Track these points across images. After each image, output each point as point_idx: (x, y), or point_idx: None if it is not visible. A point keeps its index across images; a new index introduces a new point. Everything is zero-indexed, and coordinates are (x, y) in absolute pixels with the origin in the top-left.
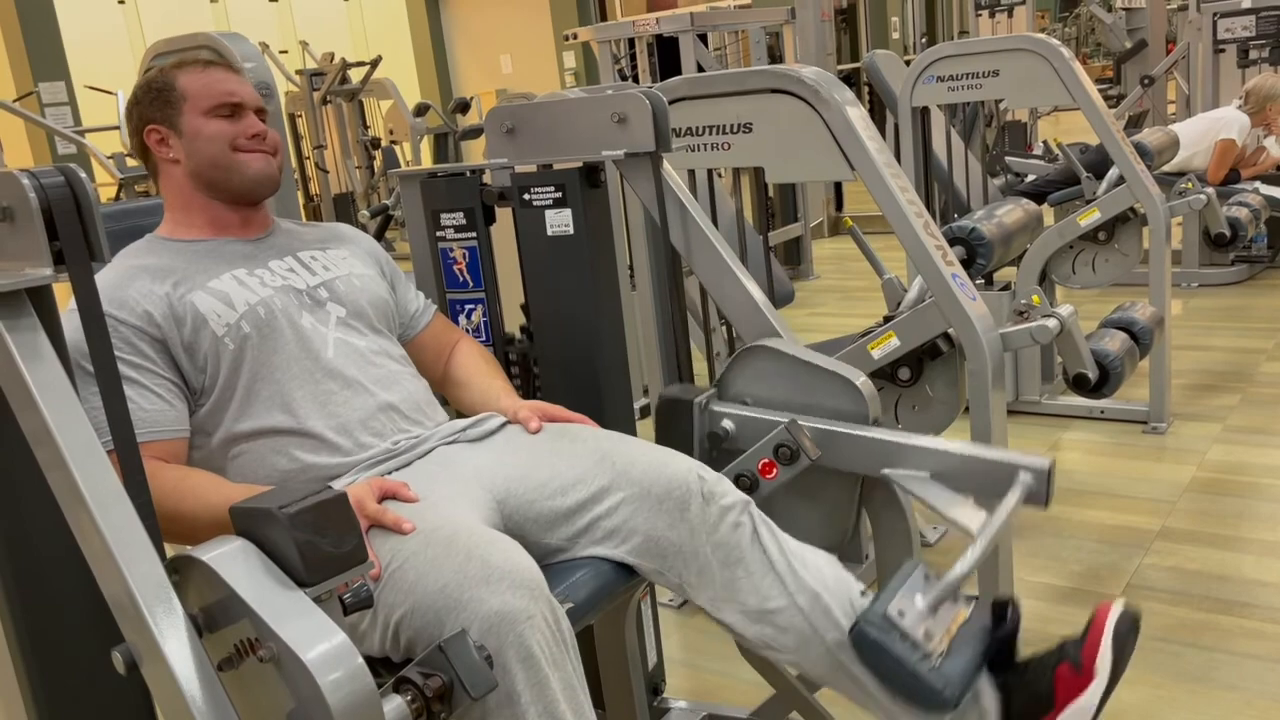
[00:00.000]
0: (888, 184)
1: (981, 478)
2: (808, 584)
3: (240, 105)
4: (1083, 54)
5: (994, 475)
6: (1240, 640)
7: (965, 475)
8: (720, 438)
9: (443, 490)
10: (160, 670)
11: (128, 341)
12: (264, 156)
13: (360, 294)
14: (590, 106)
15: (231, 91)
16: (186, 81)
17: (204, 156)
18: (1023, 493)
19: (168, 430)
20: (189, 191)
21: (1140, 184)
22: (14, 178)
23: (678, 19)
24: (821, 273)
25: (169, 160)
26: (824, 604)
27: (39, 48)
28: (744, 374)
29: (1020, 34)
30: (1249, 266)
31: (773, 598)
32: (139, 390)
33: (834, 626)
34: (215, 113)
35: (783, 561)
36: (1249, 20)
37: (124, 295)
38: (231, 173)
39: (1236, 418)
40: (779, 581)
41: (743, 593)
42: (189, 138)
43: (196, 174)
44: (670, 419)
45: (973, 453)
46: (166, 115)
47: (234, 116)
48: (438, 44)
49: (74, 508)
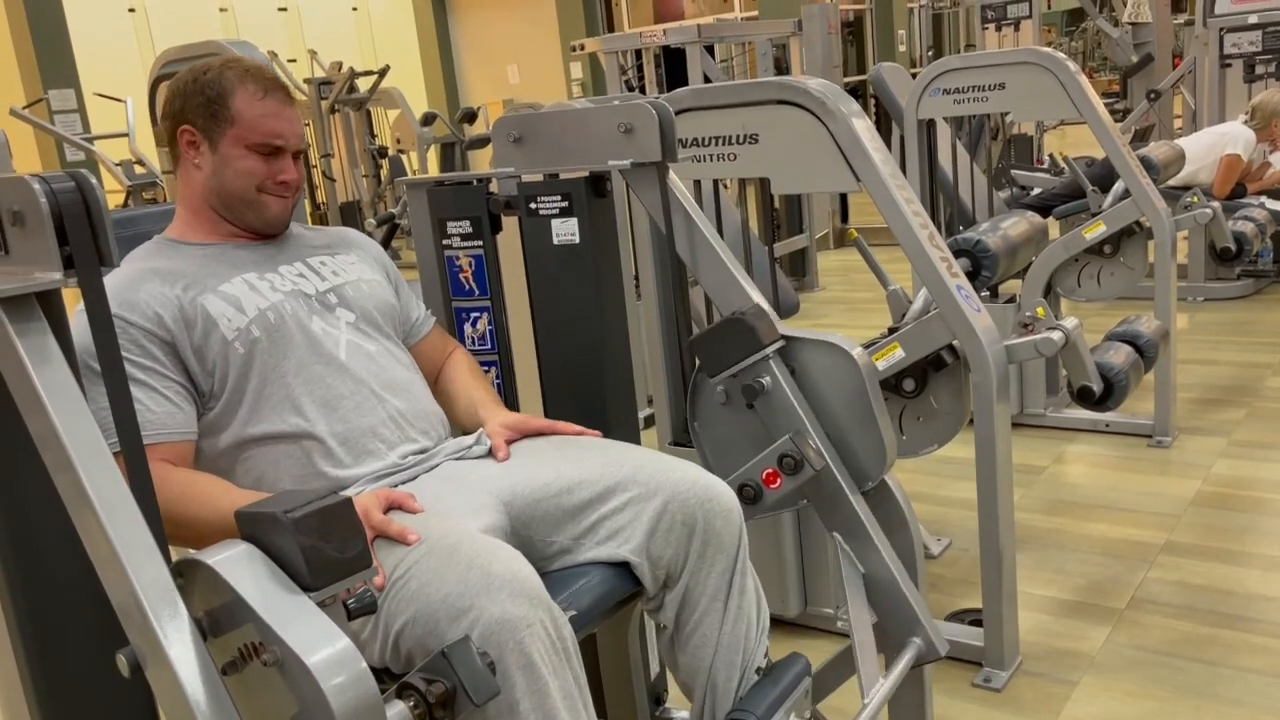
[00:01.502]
0: (893, 196)
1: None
2: (740, 630)
3: (282, 148)
4: (1089, 68)
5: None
6: (1244, 655)
7: (884, 596)
8: (754, 390)
9: (448, 501)
10: (164, 673)
11: (137, 343)
12: (284, 201)
13: (369, 299)
14: (597, 117)
15: (279, 134)
16: (242, 104)
17: (228, 185)
18: (915, 655)
19: (175, 433)
20: (202, 201)
21: (1146, 198)
22: (25, 183)
23: (685, 30)
24: (826, 284)
25: (193, 164)
26: (733, 657)
27: (49, 55)
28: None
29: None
30: (1255, 281)
31: (709, 617)
32: (147, 392)
33: (727, 675)
34: (256, 149)
35: (737, 595)
36: (1255, 36)
37: (134, 297)
38: (249, 210)
39: (1242, 432)
40: (723, 609)
41: (692, 595)
42: (221, 160)
43: (214, 193)
44: (728, 337)
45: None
46: (208, 126)
47: (271, 156)
48: (445, 54)
49: (80, 511)
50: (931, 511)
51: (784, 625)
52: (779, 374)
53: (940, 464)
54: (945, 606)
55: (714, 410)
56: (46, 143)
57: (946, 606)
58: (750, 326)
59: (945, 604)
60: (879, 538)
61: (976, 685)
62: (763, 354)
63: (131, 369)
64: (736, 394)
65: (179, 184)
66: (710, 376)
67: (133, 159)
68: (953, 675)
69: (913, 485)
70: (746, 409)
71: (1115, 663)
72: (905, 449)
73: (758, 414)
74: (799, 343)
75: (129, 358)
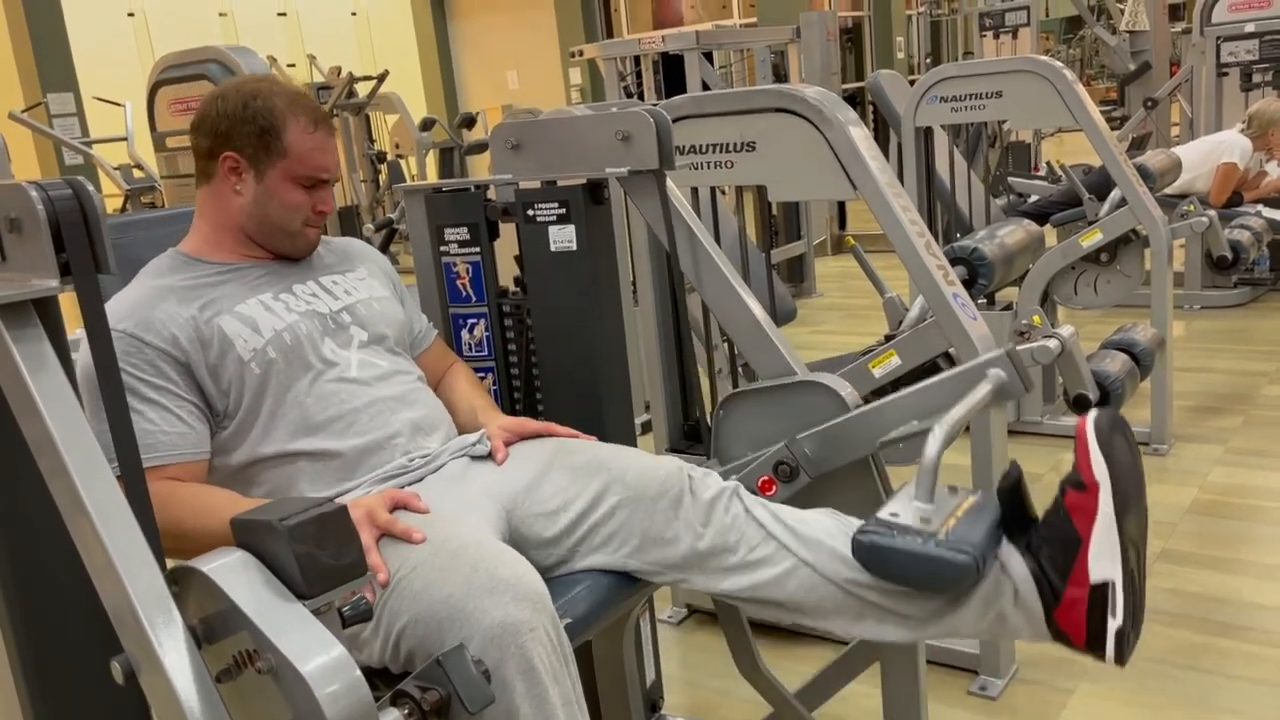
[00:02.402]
0: (890, 203)
1: (960, 394)
2: (810, 537)
3: (321, 185)
4: (1086, 76)
5: (971, 382)
6: (1239, 663)
7: (946, 400)
8: (792, 471)
9: (453, 504)
10: (159, 681)
11: (152, 364)
12: (319, 230)
13: (380, 318)
14: (595, 124)
15: (326, 167)
16: (295, 138)
17: (272, 217)
18: (994, 385)
19: (188, 453)
20: (234, 223)
21: (1142, 206)
22: (22, 190)
23: (683, 37)
24: (824, 291)
25: (232, 190)
26: (829, 548)
27: (48, 59)
28: (730, 429)
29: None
30: (1251, 289)
31: (779, 562)
32: (160, 413)
33: (845, 564)
34: (301, 182)
35: (779, 527)
36: (1252, 45)
37: (150, 316)
38: (287, 239)
39: (1238, 440)
40: (781, 547)
41: (747, 570)
42: (266, 191)
43: (254, 220)
44: None
45: (940, 378)
46: (257, 157)
47: (313, 188)
48: (444, 59)
49: (76, 517)
50: None
51: (779, 632)
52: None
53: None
54: None
55: None
56: (45, 146)
57: None
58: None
59: None
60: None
61: (972, 693)
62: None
63: (145, 389)
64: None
65: (207, 201)
66: None
67: (131, 163)
68: (948, 683)
69: None
70: None
71: (1111, 671)
72: (902, 457)
73: None
74: (714, 442)
75: (143, 377)
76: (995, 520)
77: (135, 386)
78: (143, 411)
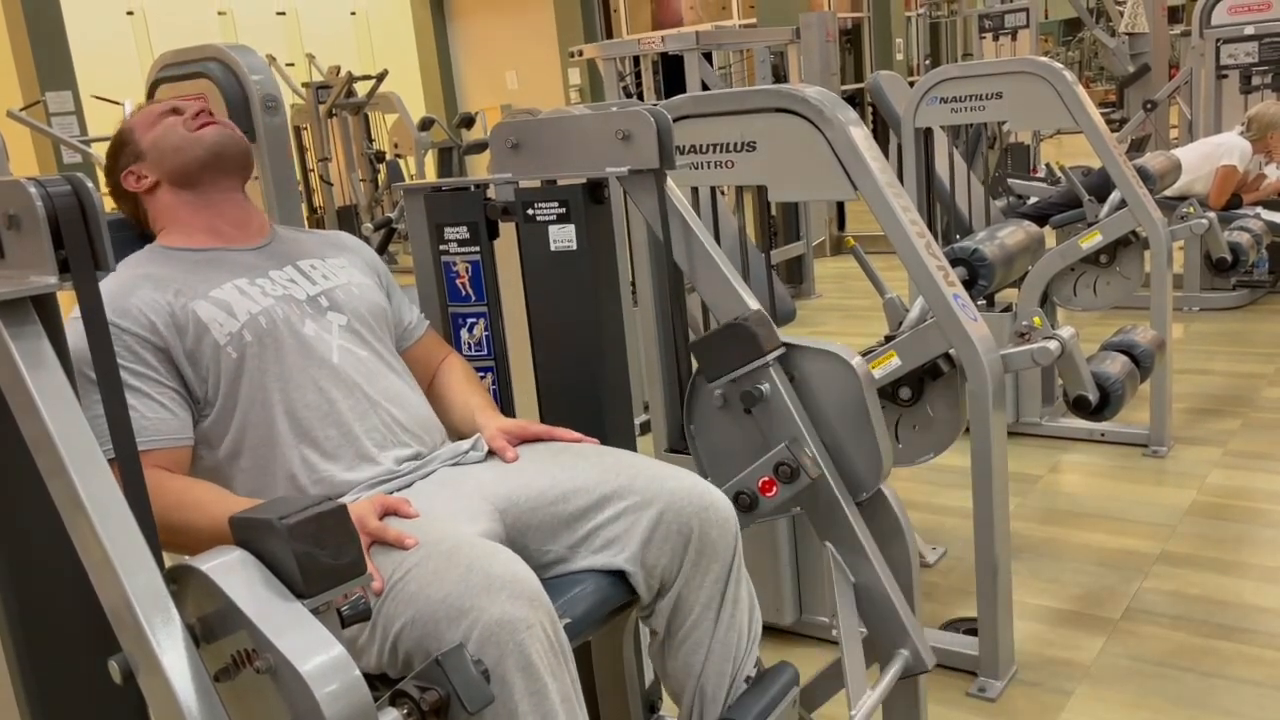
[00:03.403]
0: (890, 204)
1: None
2: (731, 639)
3: (179, 107)
4: (1086, 78)
5: (888, 626)
6: (1239, 666)
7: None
8: (753, 397)
9: (444, 506)
10: (157, 680)
11: (131, 350)
12: (218, 127)
13: (360, 302)
14: (595, 123)
15: (169, 100)
16: (131, 122)
17: (167, 150)
18: (902, 667)
19: (170, 439)
20: (176, 204)
21: (1142, 208)
22: (21, 186)
23: (683, 37)
24: (823, 291)
25: (149, 189)
26: (723, 667)
27: (47, 57)
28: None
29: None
30: (1250, 291)
31: (701, 626)
32: (142, 399)
33: (716, 684)
34: (161, 119)
35: (731, 603)
36: (1252, 47)
37: (127, 304)
38: (195, 147)
39: (1237, 442)
40: (715, 618)
41: (686, 603)
42: (150, 150)
43: (171, 176)
44: (728, 344)
45: (891, 599)
46: (129, 154)
47: (177, 112)
48: (443, 59)
49: (74, 516)
50: (927, 520)
51: (778, 633)
52: (778, 381)
53: (936, 473)
54: (940, 615)
55: (711, 415)
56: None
57: (941, 615)
58: (752, 333)
59: (940, 613)
60: (871, 549)
61: (971, 695)
62: (763, 360)
63: (126, 375)
64: (735, 399)
65: (154, 221)
66: (709, 380)
67: None
68: (947, 685)
69: (908, 494)
70: (744, 415)
71: (1110, 673)
72: (901, 457)
73: (755, 421)
74: (799, 351)
75: (123, 364)
76: None
77: None
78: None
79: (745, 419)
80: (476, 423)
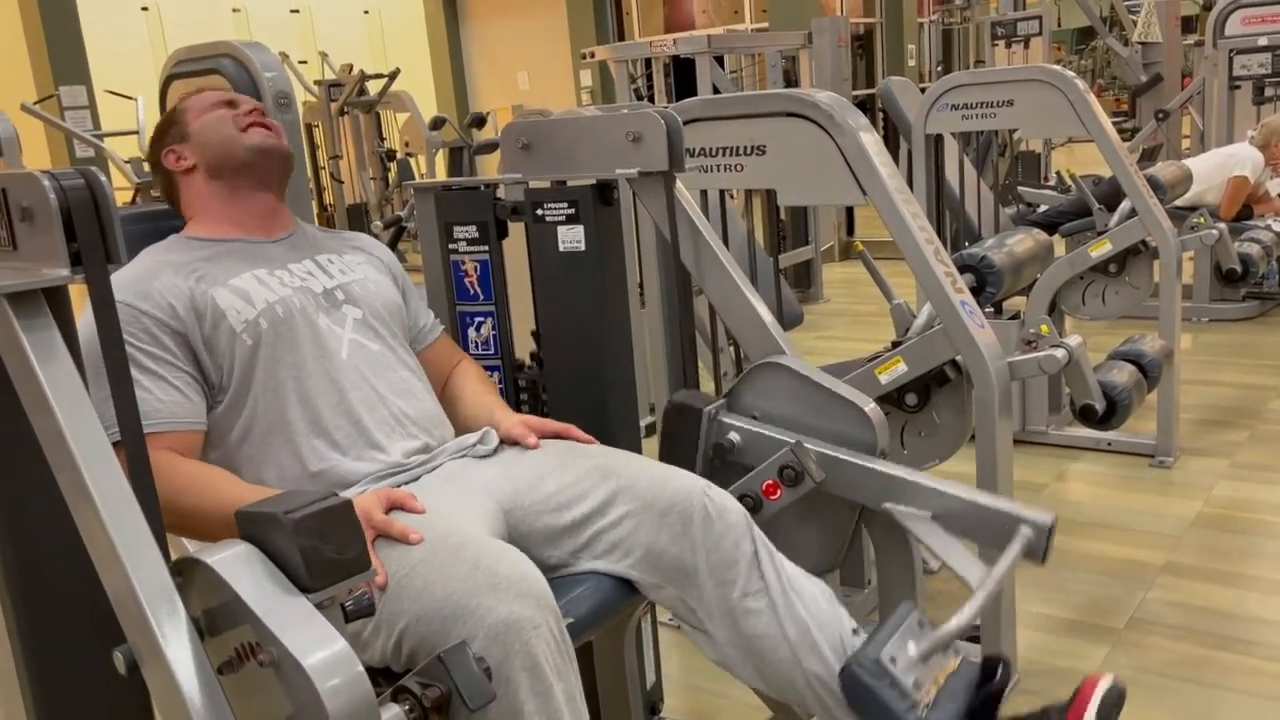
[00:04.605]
0: (899, 210)
1: (982, 525)
2: (799, 614)
3: (235, 101)
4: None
5: (994, 524)
6: (1242, 678)
7: (966, 520)
8: (726, 450)
9: (450, 502)
10: (161, 672)
11: (149, 332)
12: (261, 130)
13: (375, 297)
14: (605, 125)
15: (225, 92)
16: (186, 103)
17: (211, 141)
18: (1022, 547)
19: (183, 422)
20: (208, 192)
21: (1152, 217)
22: (35, 179)
23: (695, 41)
24: (831, 296)
25: (186, 170)
26: (812, 638)
27: (61, 51)
28: (756, 388)
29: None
30: (1260, 303)
31: (761, 623)
32: (157, 381)
33: (819, 660)
34: (214, 108)
35: (778, 588)
36: (1265, 58)
37: (148, 288)
38: (238, 146)
39: (1244, 454)
40: (771, 607)
41: (732, 613)
42: (196, 136)
43: (210, 166)
44: (678, 425)
45: (976, 499)
46: (175, 133)
47: (231, 105)
48: (456, 59)
49: (82, 508)
50: None
51: None
52: (738, 422)
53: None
54: (943, 622)
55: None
56: (56, 138)
57: (945, 622)
58: (683, 404)
59: (943, 620)
60: (925, 478)
61: None
62: (710, 418)
63: (143, 358)
64: (722, 463)
65: (185, 205)
66: (693, 470)
67: (142, 156)
68: None
69: None
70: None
71: None
72: (907, 463)
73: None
74: (736, 389)
75: (141, 347)
76: (966, 707)
77: (133, 355)
78: (139, 380)
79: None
80: (494, 418)
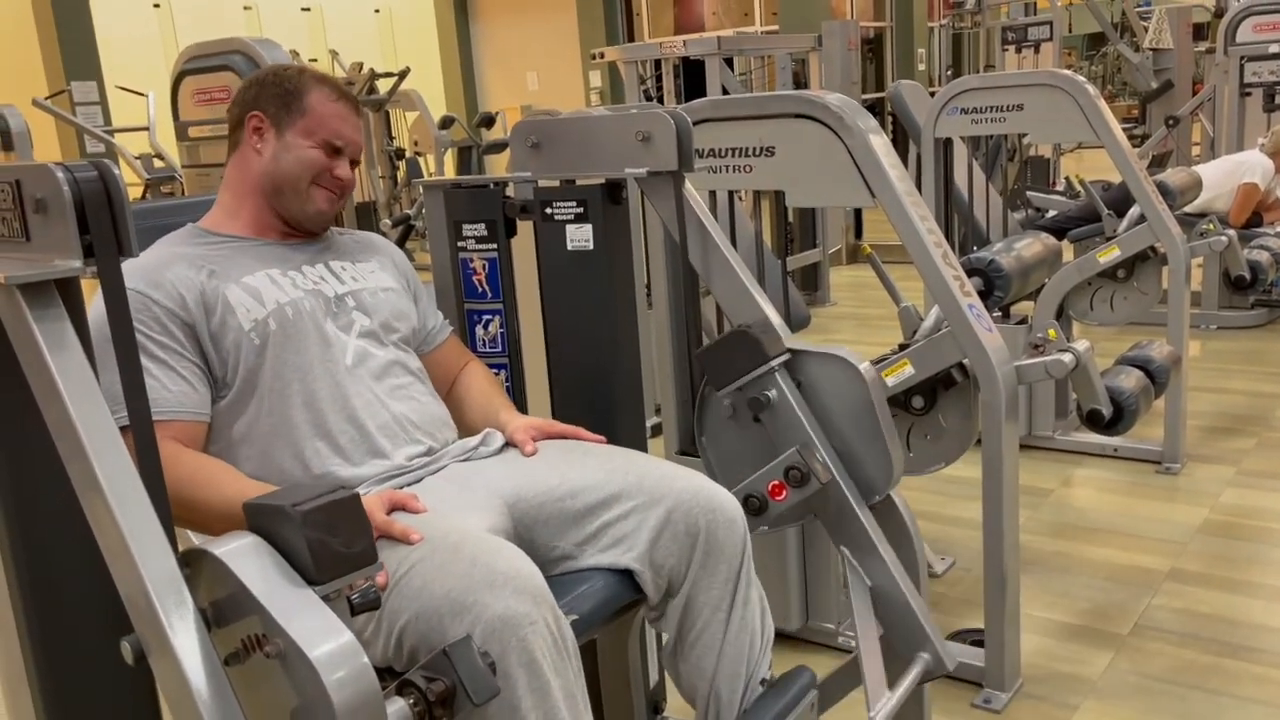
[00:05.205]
0: (908, 213)
1: (900, 621)
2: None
3: (342, 150)
4: (1108, 92)
5: (906, 629)
6: (1247, 685)
7: (893, 609)
8: (761, 404)
9: (452, 501)
10: (168, 662)
11: (159, 321)
12: (332, 198)
13: (385, 306)
14: (615, 124)
15: (343, 135)
16: (315, 100)
17: (285, 170)
18: (921, 670)
19: (188, 412)
20: (251, 187)
21: (1161, 223)
22: (48, 170)
23: (705, 42)
24: (839, 299)
25: (254, 149)
26: (738, 668)
27: (73, 47)
28: (818, 369)
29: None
30: (1268, 310)
31: (710, 629)
32: (164, 370)
33: (730, 689)
34: (319, 145)
35: (739, 610)
36: (1276, 65)
37: (161, 277)
38: (296, 199)
39: (1251, 461)
40: (725, 622)
41: (694, 604)
42: (284, 146)
43: (268, 177)
44: (735, 351)
45: (911, 601)
46: (279, 115)
47: (332, 155)
48: (465, 58)
49: (91, 498)
50: (936, 530)
51: (784, 639)
52: (785, 387)
53: (946, 483)
54: (947, 626)
55: (721, 424)
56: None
57: (948, 626)
58: (756, 339)
59: (947, 623)
60: (886, 552)
61: (976, 706)
62: (768, 367)
63: (152, 346)
64: (743, 407)
65: (230, 172)
66: (716, 389)
67: (152, 153)
68: (952, 695)
69: (918, 503)
70: (753, 423)
71: (1117, 688)
72: (912, 466)
73: (764, 427)
74: (805, 356)
75: (150, 335)
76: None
77: (142, 343)
78: (147, 368)
79: (755, 427)
80: (500, 420)
